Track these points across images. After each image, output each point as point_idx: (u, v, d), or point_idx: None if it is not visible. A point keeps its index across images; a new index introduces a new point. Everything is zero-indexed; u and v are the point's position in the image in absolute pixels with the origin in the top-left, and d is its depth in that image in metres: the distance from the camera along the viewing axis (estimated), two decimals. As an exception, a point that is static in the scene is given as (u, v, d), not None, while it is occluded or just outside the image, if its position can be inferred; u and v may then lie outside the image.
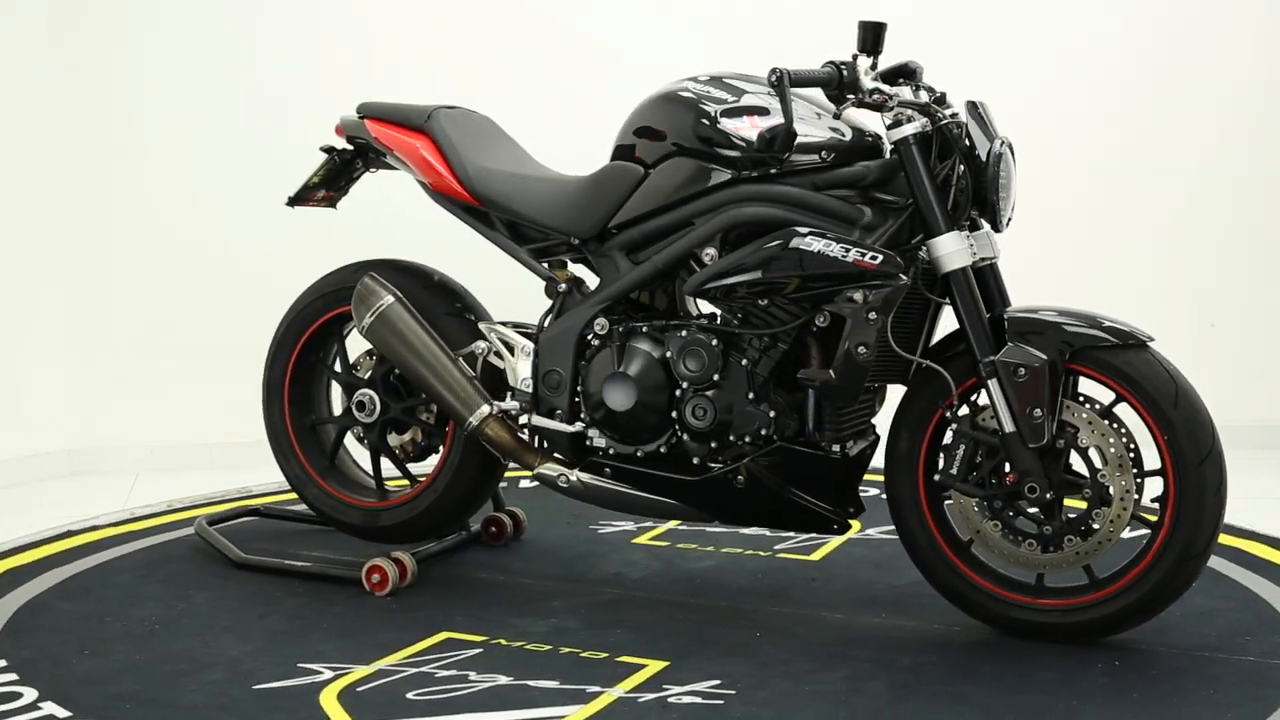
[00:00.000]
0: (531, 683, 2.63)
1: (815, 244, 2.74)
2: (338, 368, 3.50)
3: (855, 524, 3.17)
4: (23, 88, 4.48)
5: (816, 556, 3.47)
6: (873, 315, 2.72)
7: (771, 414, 2.87)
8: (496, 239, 3.21)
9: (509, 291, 3.53)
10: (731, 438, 2.90)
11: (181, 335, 4.58)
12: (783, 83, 2.68)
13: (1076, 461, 2.79)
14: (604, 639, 2.87)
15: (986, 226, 2.84)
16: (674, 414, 2.94)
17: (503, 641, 2.86)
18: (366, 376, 3.38)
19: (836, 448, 2.88)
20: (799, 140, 2.80)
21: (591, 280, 3.17)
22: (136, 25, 4.57)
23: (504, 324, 3.23)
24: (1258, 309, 4.65)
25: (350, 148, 3.39)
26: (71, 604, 3.14)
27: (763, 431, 2.88)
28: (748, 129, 2.86)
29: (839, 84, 2.75)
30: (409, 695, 2.57)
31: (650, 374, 2.96)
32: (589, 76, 4.55)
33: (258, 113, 4.53)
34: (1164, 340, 2.73)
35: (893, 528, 2.95)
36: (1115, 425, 2.74)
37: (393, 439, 3.40)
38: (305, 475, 3.48)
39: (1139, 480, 2.73)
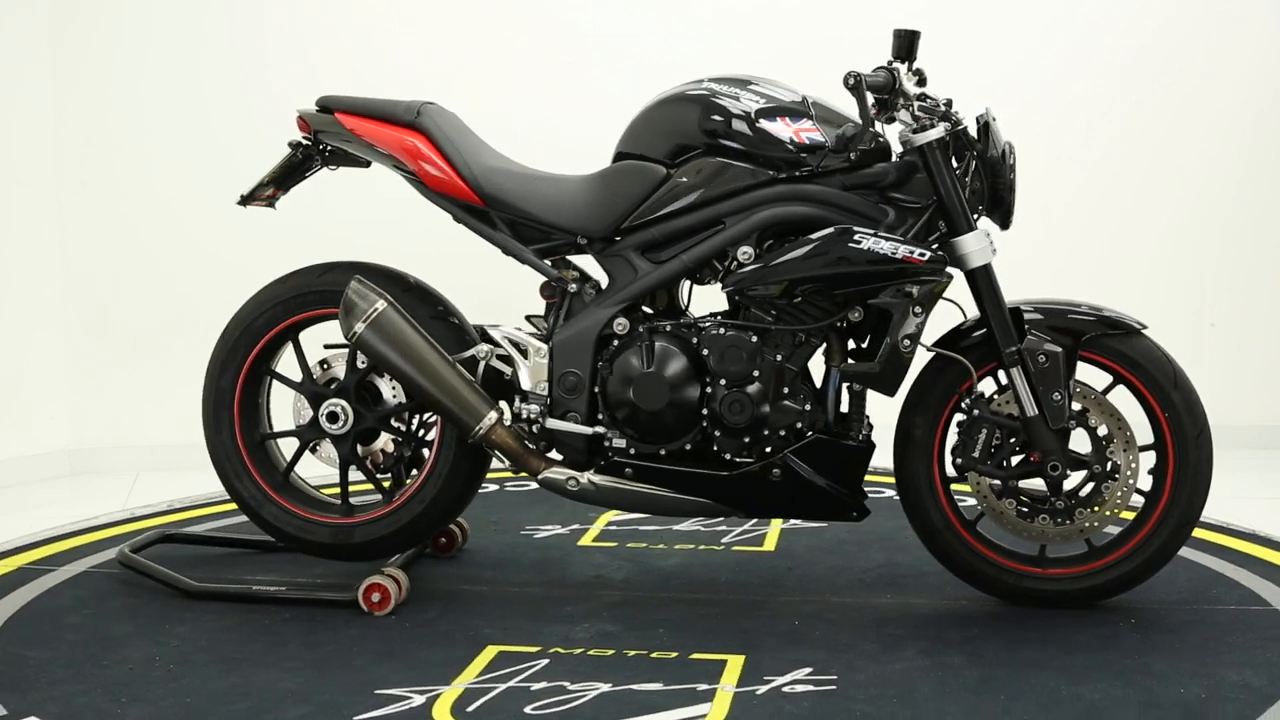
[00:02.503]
0: (635, 687, 2.58)
1: (865, 241, 2.85)
2: (285, 377, 3.26)
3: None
4: (23, 86, 4.50)
5: (770, 547, 3.57)
6: (918, 309, 2.88)
7: (807, 407, 2.96)
8: (498, 239, 3.09)
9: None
10: (766, 432, 2.96)
11: (181, 335, 4.45)
12: (860, 86, 2.78)
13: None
14: (654, 639, 2.85)
15: (985, 225, 3.05)
16: (703, 411, 2.98)
17: (560, 650, 2.78)
18: (332, 385, 3.16)
19: (860, 436, 3.01)
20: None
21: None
22: (136, 24, 4.56)
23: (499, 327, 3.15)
24: (1257, 309, 4.79)
25: (309, 142, 3.18)
26: (41, 651, 2.77)
27: (798, 425, 2.96)
28: (784, 130, 2.94)
29: (892, 89, 2.87)
30: (527, 710, 2.47)
31: (682, 372, 2.96)
32: (581, 76, 4.58)
33: (260, 112, 4.34)
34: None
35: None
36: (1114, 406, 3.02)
37: (359, 450, 3.21)
38: (262, 495, 3.21)
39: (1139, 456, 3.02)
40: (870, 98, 2.82)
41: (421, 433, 3.20)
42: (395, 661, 2.73)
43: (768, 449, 2.97)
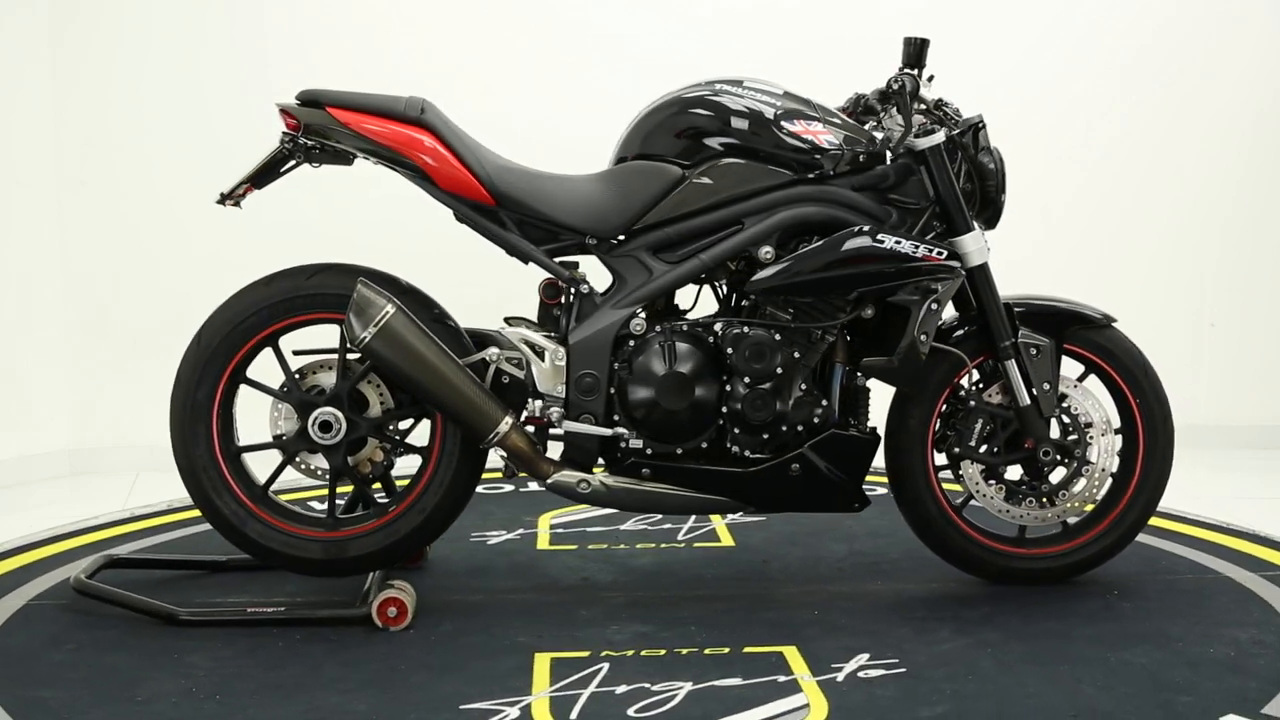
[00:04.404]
0: (717, 683, 2.64)
1: (888, 241, 2.92)
2: (265, 385, 3.16)
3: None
4: (23, 86, 4.48)
5: (729, 542, 3.64)
6: (935, 306, 2.97)
7: (824, 403, 3.02)
8: (505, 238, 3.07)
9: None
10: (784, 428, 3.02)
11: (182, 336, 4.23)
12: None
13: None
14: (693, 636, 2.90)
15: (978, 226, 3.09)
16: (723, 409, 3.00)
17: (611, 654, 2.81)
18: (314, 393, 3.09)
19: (866, 430, 3.10)
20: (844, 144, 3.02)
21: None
22: (136, 24, 4.55)
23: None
24: (1257, 309, 4.84)
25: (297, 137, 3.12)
26: (53, 691, 2.64)
27: (814, 420, 3.02)
28: (803, 132, 3.01)
29: (915, 94, 2.96)
30: (629, 712, 2.52)
31: (703, 371, 3.02)
32: (581, 76, 4.61)
33: (260, 112, 4.11)
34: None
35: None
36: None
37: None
38: (244, 511, 3.08)
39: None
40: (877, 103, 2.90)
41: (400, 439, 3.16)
42: (455, 675, 2.71)
43: (784, 445, 3.04)
